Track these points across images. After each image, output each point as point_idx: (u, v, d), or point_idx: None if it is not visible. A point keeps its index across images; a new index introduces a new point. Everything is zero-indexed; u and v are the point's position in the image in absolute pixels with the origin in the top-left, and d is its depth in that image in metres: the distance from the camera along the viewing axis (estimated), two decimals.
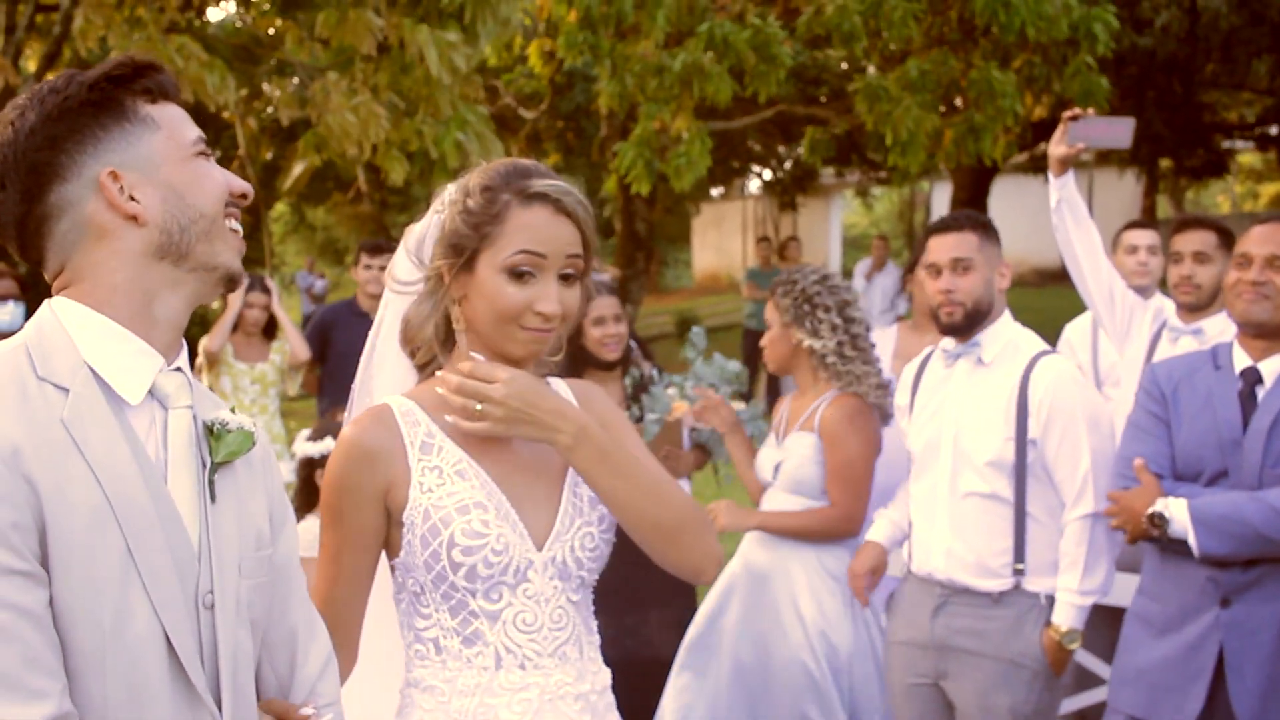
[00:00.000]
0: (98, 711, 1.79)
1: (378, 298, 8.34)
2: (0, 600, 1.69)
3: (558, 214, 2.37)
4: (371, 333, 2.65)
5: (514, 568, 2.36)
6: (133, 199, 1.91)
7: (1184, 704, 3.74)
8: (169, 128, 1.97)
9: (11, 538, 1.71)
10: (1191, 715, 3.72)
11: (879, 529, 4.62)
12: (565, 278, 2.39)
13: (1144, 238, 6.05)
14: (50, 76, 2.03)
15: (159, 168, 1.94)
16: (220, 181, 2.00)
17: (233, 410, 2.04)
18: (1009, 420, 4.12)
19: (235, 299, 7.94)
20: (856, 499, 4.72)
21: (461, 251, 2.38)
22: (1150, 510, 3.73)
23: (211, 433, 1.99)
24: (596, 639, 2.53)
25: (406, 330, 2.53)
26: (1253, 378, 3.82)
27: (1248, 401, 3.79)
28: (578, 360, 5.36)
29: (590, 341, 5.33)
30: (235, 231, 2.03)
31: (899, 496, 4.61)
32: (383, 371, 2.64)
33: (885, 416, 4.87)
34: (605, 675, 2.52)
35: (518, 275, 2.35)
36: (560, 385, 2.61)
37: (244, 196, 2.03)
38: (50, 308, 1.93)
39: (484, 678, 2.37)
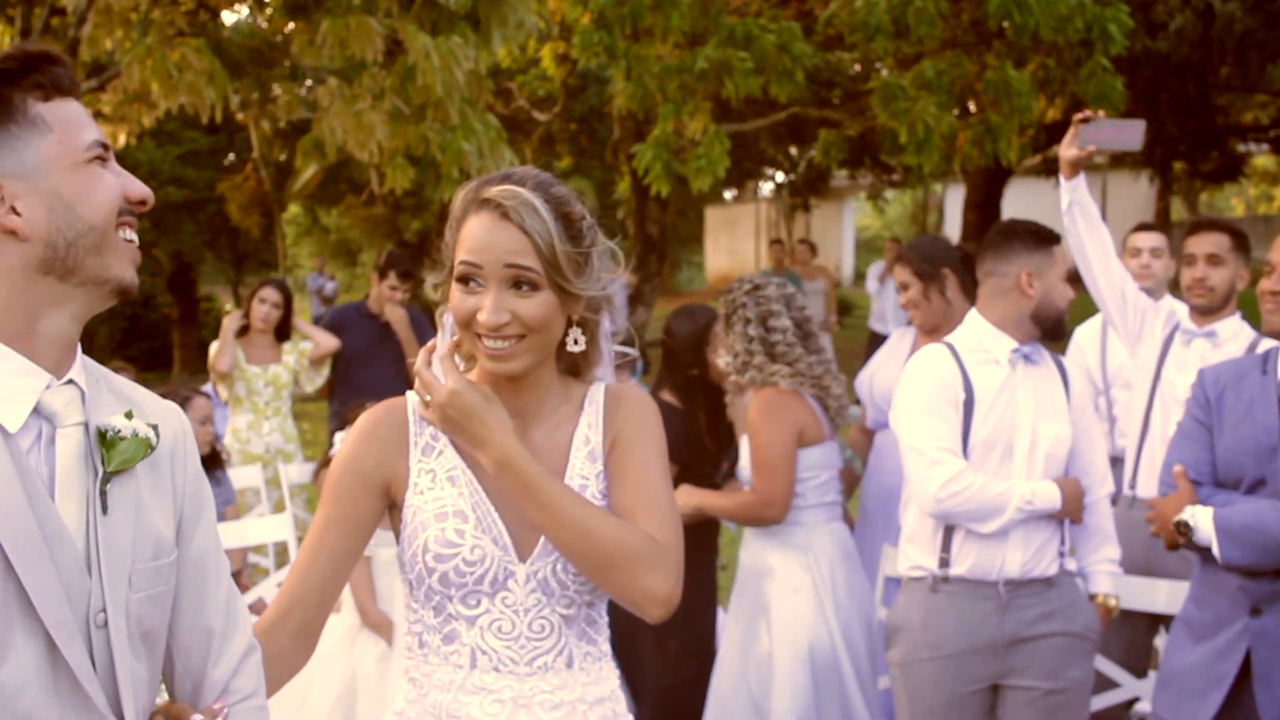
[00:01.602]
0: None
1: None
2: None
3: (501, 220, 2.32)
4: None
5: (490, 577, 2.37)
6: (14, 211, 1.79)
7: (1200, 708, 3.73)
8: (62, 129, 1.83)
9: None
10: (1205, 719, 3.71)
11: (1041, 485, 4.20)
12: (518, 285, 2.33)
13: (1147, 240, 6.03)
14: None
15: (47, 175, 1.81)
16: (114, 189, 1.87)
17: (128, 415, 1.91)
18: (1069, 412, 4.28)
19: (229, 321, 7.88)
20: (773, 484, 4.75)
21: (447, 261, 2.42)
22: (1177, 518, 3.72)
23: (104, 440, 1.87)
24: (599, 650, 2.51)
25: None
26: None
27: None
28: (697, 390, 5.33)
29: (715, 372, 5.31)
30: (130, 242, 1.91)
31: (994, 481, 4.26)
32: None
33: (832, 408, 4.94)
34: (604, 686, 2.49)
35: (464, 283, 2.35)
36: (596, 399, 2.56)
37: (143, 203, 1.91)
38: None
39: (459, 675, 2.40)
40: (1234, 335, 5.08)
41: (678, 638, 5.12)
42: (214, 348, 7.83)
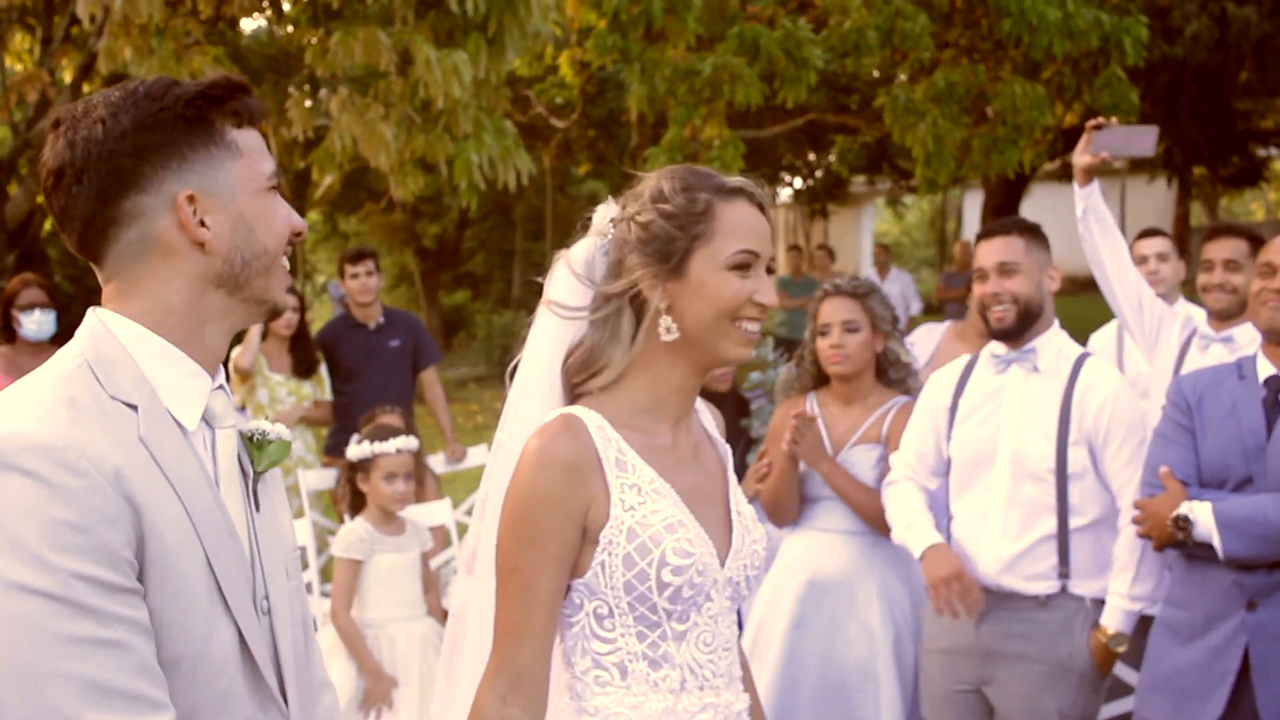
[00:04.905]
0: None
1: (369, 305, 8.32)
2: (117, 617, 1.70)
3: (754, 207, 2.39)
4: (523, 362, 2.52)
5: (706, 589, 2.34)
6: (203, 224, 1.91)
7: (1205, 707, 3.75)
8: (249, 157, 1.97)
9: (123, 556, 1.72)
10: (1212, 718, 3.72)
11: (928, 533, 4.34)
12: (767, 270, 2.41)
13: (1152, 246, 6.03)
14: (86, 88, 2.02)
15: (234, 196, 1.94)
16: (286, 220, 2.01)
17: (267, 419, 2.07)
18: (1062, 426, 4.18)
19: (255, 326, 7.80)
20: None
21: (670, 256, 2.35)
22: (1175, 513, 3.74)
23: (252, 442, 2.04)
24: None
25: (590, 355, 2.42)
26: (1276, 386, 3.83)
27: (1272, 409, 3.81)
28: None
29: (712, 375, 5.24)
30: (286, 269, 2.04)
31: (914, 504, 4.47)
32: (527, 400, 2.50)
33: None
34: (749, 694, 2.53)
35: (740, 269, 2.34)
36: (701, 407, 2.62)
37: (299, 234, 2.04)
38: (101, 322, 1.92)
39: (670, 700, 2.33)
40: (1252, 340, 5.06)
41: None
42: (236, 350, 7.83)
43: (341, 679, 5.10)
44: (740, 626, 4.86)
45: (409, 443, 5.38)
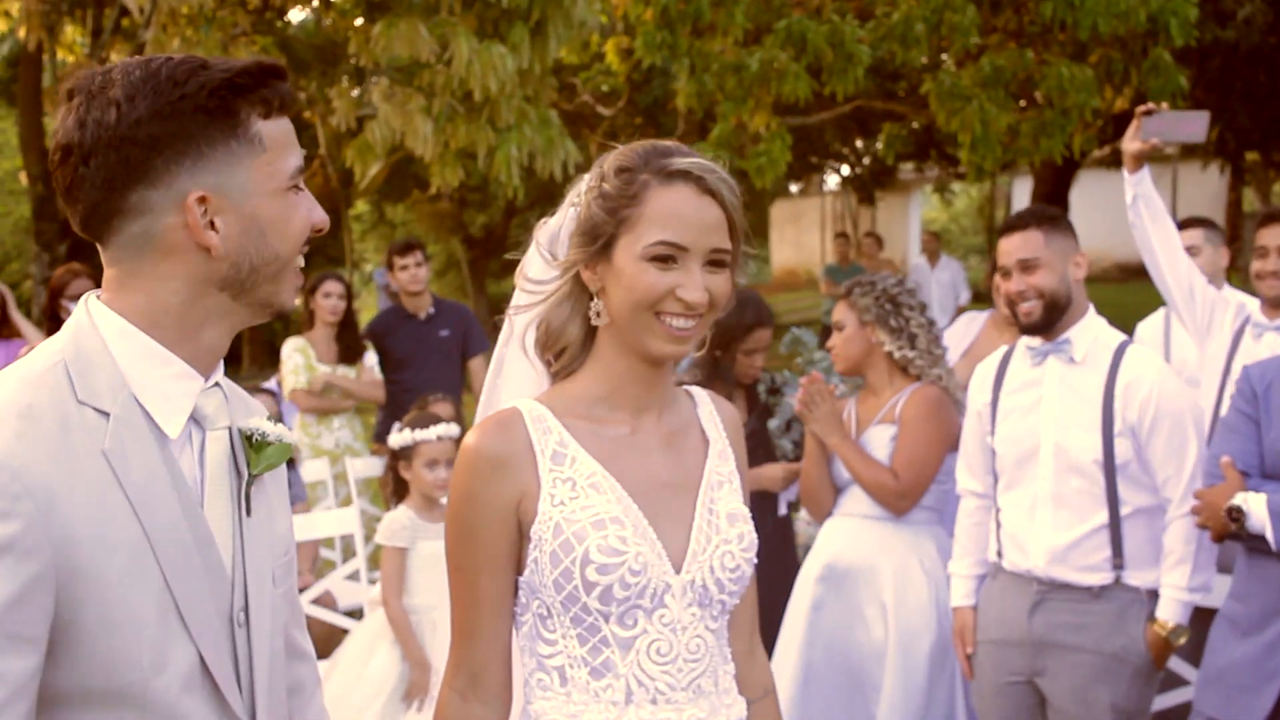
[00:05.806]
0: None
1: (418, 295, 8.37)
2: None
3: (701, 194, 2.19)
4: (500, 342, 2.46)
5: (651, 591, 2.19)
6: (213, 226, 1.80)
7: (1255, 703, 3.71)
8: (273, 152, 1.84)
9: (35, 593, 1.64)
10: (1260, 715, 3.68)
11: (960, 589, 4.51)
12: (712, 263, 2.21)
13: (1186, 239, 5.96)
14: None
15: (249, 197, 1.82)
16: (304, 220, 1.89)
17: (272, 419, 1.96)
18: (1106, 417, 4.13)
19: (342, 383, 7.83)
20: (918, 482, 4.71)
21: (597, 238, 2.22)
22: (1229, 504, 3.69)
23: (250, 443, 1.93)
24: (732, 668, 2.39)
25: (547, 334, 2.34)
26: None
27: None
28: (712, 374, 5.22)
29: (739, 366, 5.31)
30: (300, 269, 1.93)
31: (961, 543, 4.55)
32: (510, 381, 2.46)
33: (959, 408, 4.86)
34: (740, 707, 2.36)
35: (659, 260, 2.17)
36: (701, 395, 2.50)
37: (320, 230, 1.93)
38: (89, 314, 1.83)
39: (613, 712, 2.20)
40: None
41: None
42: (293, 364, 7.84)
43: (386, 665, 5.14)
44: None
45: (449, 430, 5.41)
